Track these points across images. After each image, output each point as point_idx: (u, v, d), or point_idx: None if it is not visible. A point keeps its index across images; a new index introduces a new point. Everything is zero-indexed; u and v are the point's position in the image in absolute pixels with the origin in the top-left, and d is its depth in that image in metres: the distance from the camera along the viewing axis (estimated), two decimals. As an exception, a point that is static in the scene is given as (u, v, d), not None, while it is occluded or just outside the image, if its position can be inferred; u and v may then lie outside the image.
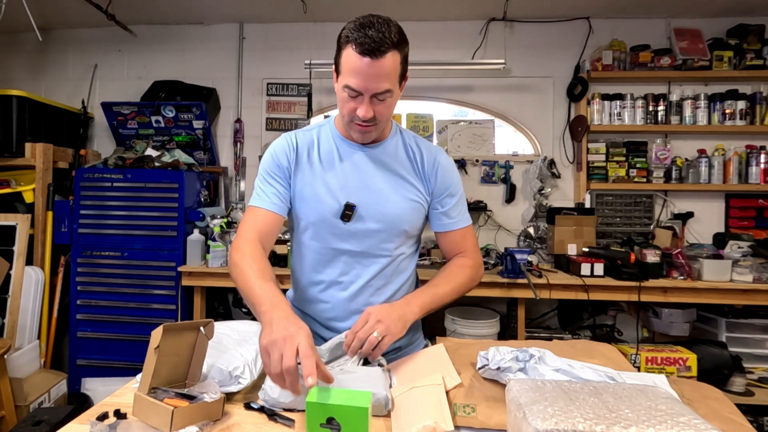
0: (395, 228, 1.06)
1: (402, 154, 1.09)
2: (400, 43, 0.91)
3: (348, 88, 0.92)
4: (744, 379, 2.15)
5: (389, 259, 1.07)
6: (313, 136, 1.09)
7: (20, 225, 2.47)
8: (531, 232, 2.77)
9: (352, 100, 0.94)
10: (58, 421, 1.83)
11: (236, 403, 0.82)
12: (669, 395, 0.62)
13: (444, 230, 1.12)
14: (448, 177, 1.10)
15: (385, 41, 0.87)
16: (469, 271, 1.10)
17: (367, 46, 0.87)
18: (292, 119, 2.98)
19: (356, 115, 0.95)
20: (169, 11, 2.84)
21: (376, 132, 1.01)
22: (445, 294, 1.04)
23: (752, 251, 2.25)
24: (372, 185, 1.05)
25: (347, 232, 1.04)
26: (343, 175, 1.05)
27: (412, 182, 1.08)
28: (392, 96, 0.95)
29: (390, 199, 1.05)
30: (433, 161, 1.09)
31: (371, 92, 0.91)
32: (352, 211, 1.03)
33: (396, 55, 0.90)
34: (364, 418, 0.65)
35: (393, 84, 0.93)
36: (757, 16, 2.66)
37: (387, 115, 0.98)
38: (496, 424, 0.72)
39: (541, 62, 2.84)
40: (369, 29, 0.87)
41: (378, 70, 0.89)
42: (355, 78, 0.90)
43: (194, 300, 2.49)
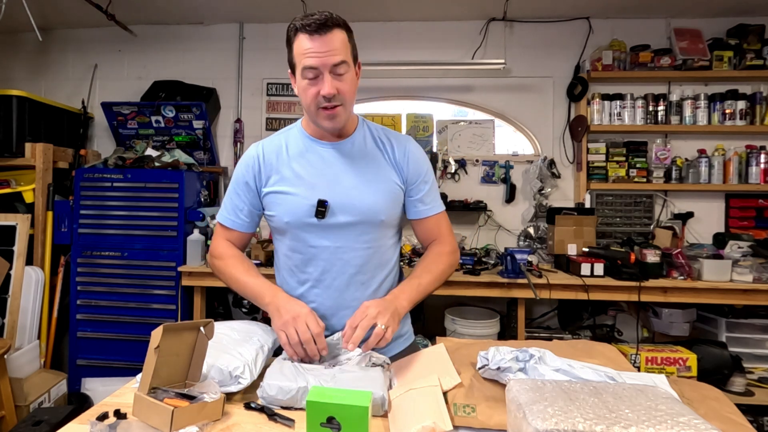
0: (371, 219, 1.06)
1: (371, 145, 1.11)
2: (345, 25, 0.99)
3: (307, 69, 0.95)
4: (744, 379, 2.15)
5: (370, 251, 1.08)
6: (281, 141, 1.12)
7: (20, 225, 2.47)
8: (531, 232, 2.77)
9: (312, 84, 0.97)
10: (58, 421, 1.83)
11: (236, 403, 0.82)
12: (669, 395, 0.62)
13: (419, 217, 1.14)
14: (420, 164, 1.12)
15: (329, 20, 0.95)
16: (447, 258, 1.13)
17: (314, 25, 0.93)
18: (292, 119, 2.98)
19: (320, 98, 0.96)
20: (169, 11, 2.84)
21: (344, 113, 1.01)
22: (429, 284, 1.07)
23: (752, 251, 2.25)
24: (343, 180, 1.06)
25: (323, 228, 1.05)
26: (313, 174, 1.06)
27: (384, 172, 1.09)
28: (349, 71, 0.98)
29: (363, 191, 1.06)
30: (404, 150, 1.12)
31: (328, 66, 0.94)
32: (325, 207, 1.03)
33: (342, 32, 0.97)
34: (364, 417, 0.65)
35: (347, 57, 0.97)
36: (757, 16, 2.66)
37: (349, 93, 1.00)
38: (496, 424, 0.72)
39: (541, 62, 2.84)
40: (312, 15, 0.95)
41: (329, 43, 0.94)
42: (310, 57, 0.94)
43: (194, 300, 2.49)
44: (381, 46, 2.87)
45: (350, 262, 1.07)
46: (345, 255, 1.07)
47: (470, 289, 2.25)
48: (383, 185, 1.08)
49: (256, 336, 0.99)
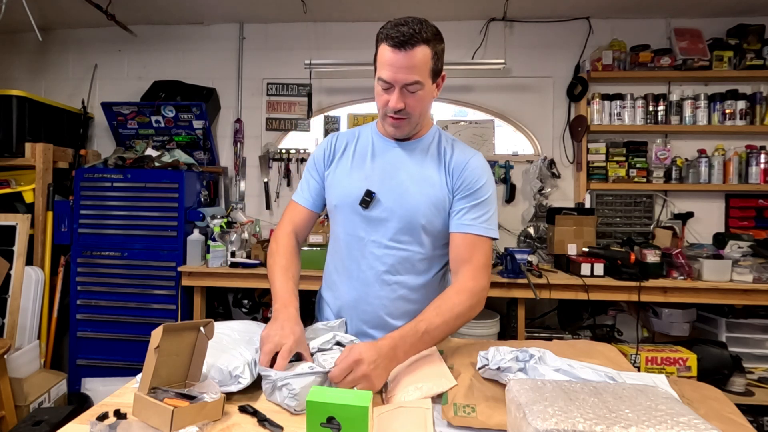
0: (411, 220, 1.06)
1: (434, 151, 1.11)
2: (432, 39, 0.97)
3: (381, 81, 0.99)
4: (744, 379, 2.15)
5: (403, 254, 1.07)
6: (355, 133, 1.18)
7: (20, 225, 2.47)
8: (531, 232, 2.77)
9: (385, 92, 1.00)
10: (58, 421, 1.83)
11: (236, 403, 0.82)
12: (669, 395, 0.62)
13: (455, 231, 1.06)
14: (473, 178, 1.06)
15: (415, 35, 0.94)
16: (467, 299, 0.98)
17: (398, 40, 0.94)
18: (292, 119, 2.98)
19: (389, 107, 1.00)
20: (169, 11, 2.84)
21: (408, 126, 1.05)
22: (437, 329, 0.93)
23: (752, 251, 2.25)
24: (395, 177, 1.08)
25: (365, 219, 1.08)
26: (371, 167, 1.11)
27: (436, 179, 1.07)
28: (423, 89, 0.99)
29: (409, 191, 1.06)
30: (463, 160, 1.08)
31: (401, 83, 0.97)
32: (371, 198, 1.06)
33: (426, 49, 0.96)
34: (364, 417, 0.65)
35: (423, 77, 0.97)
36: (757, 16, 2.66)
37: (418, 108, 1.02)
38: (496, 424, 0.72)
39: (541, 62, 2.84)
40: (402, 26, 0.95)
41: (407, 61, 0.95)
42: (387, 70, 0.97)
43: (194, 300, 2.49)
44: (381, 46, 2.87)
45: (380, 259, 1.08)
46: (377, 250, 1.08)
47: (470, 289, 2.25)
48: (430, 188, 1.06)
49: (256, 336, 0.99)
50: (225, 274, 2.38)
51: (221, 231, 2.47)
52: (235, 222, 2.60)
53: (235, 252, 2.44)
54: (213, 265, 2.40)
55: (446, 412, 0.75)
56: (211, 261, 2.40)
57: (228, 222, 2.55)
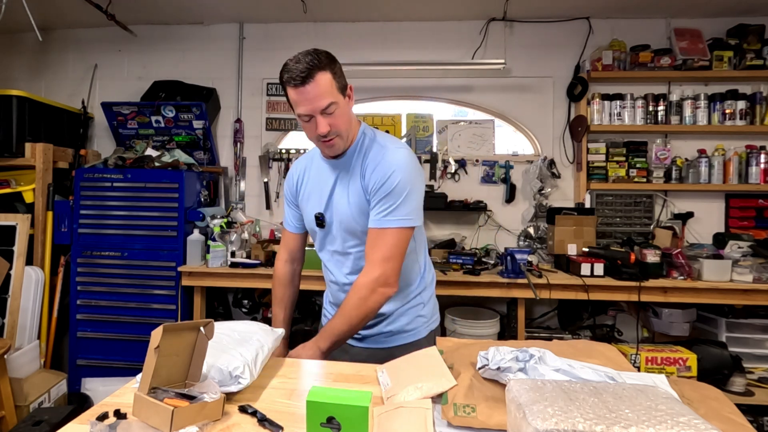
0: (349, 229, 1.20)
1: (358, 159, 1.19)
2: (327, 64, 1.06)
3: (301, 116, 1.08)
4: (744, 379, 2.15)
5: (358, 256, 1.21)
6: (307, 160, 1.31)
7: (20, 225, 2.47)
8: (531, 232, 2.77)
9: (308, 124, 1.09)
10: (58, 421, 1.83)
11: (236, 403, 0.82)
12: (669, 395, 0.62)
13: (368, 226, 1.17)
14: (379, 174, 1.13)
15: (311, 68, 1.02)
16: (366, 300, 1.13)
17: (298, 78, 1.03)
18: (292, 119, 2.98)
19: (318, 134, 1.09)
20: (169, 11, 2.84)
21: (341, 142, 1.14)
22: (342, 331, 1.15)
23: (752, 251, 2.25)
24: (332, 194, 1.21)
25: (324, 234, 1.26)
26: (318, 189, 1.24)
27: (358, 185, 1.17)
28: (339, 107, 1.08)
29: (341, 203, 1.19)
30: (374, 159, 1.15)
31: (318, 110, 1.06)
32: (322, 220, 1.23)
33: (326, 73, 1.05)
34: (364, 417, 0.65)
35: (334, 96, 1.07)
36: (757, 16, 2.66)
37: (342, 125, 1.11)
38: (496, 424, 0.72)
39: (541, 62, 2.84)
40: (297, 64, 1.03)
41: (313, 91, 1.04)
42: (300, 106, 1.06)
43: (194, 300, 2.49)
44: (381, 46, 2.87)
45: (344, 264, 1.25)
46: (341, 258, 1.25)
47: (470, 289, 2.25)
48: (354, 198, 1.17)
49: (256, 336, 0.99)
50: (225, 274, 2.38)
51: (221, 231, 2.47)
52: (235, 222, 2.60)
53: (235, 252, 2.44)
54: (213, 265, 2.40)
55: (446, 412, 0.75)
56: (211, 261, 2.40)
57: (228, 222, 2.55)
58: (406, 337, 1.25)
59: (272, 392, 0.89)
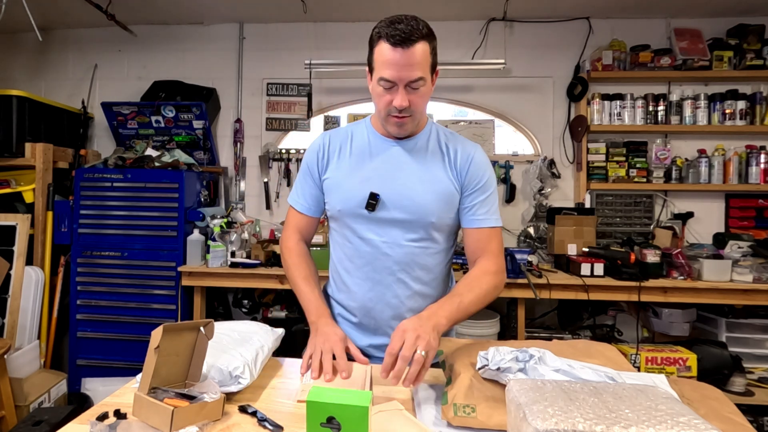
0: (421, 219, 1.06)
1: (434, 147, 1.10)
2: (429, 35, 0.97)
3: (383, 80, 0.96)
4: (744, 379, 2.15)
5: (416, 251, 1.08)
6: (348, 132, 1.15)
7: (20, 225, 2.47)
8: (531, 232, 2.77)
9: (387, 92, 0.98)
10: (58, 421, 1.83)
11: (236, 403, 0.82)
12: (669, 395, 0.62)
13: (470, 226, 1.09)
14: (480, 172, 1.09)
15: (415, 32, 0.93)
16: (492, 278, 1.04)
17: (398, 38, 0.93)
18: (292, 119, 2.98)
19: (393, 107, 0.98)
20: (169, 11, 2.84)
21: (412, 123, 1.04)
22: (471, 303, 0.99)
23: (752, 251, 2.25)
24: (399, 176, 1.07)
25: (372, 221, 1.07)
26: (372, 168, 1.08)
27: (442, 174, 1.08)
28: (425, 85, 0.98)
29: (415, 190, 1.06)
30: (467, 155, 1.09)
31: (405, 81, 0.95)
32: (376, 201, 1.05)
33: (425, 45, 0.96)
34: (364, 417, 0.65)
35: (425, 72, 0.97)
36: (757, 16, 2.66)
37: (421, 105, 1.01)
38: (496, 424, 0.72)
39: (541, 62, 2.84)
40: (398, 24, 0.94)
41: (409, 58, 0.94)
42: (389, 69, 0.95)
43: (194, 300, 2.49)
44: (381, 46, 2.87)
45: (393, 258, 1.08)
46: (389, 250, 1.08)
47: (470, 289, 2.25)
48: (438, 186, 1.07)
49: (256, 336, 0.99)
50: (225, 274, 2.38)
51: (221, 231, 2.47)
52: (235, 222, 2.60)
53: (235, 252, 2.44)
54: (213, 265, 2.40)
55: (446, 413, 0.75)
56: (211, 261, 2.40)
57: (228, 222, 2.55)
58: None
59: (272, 392, 0.89)
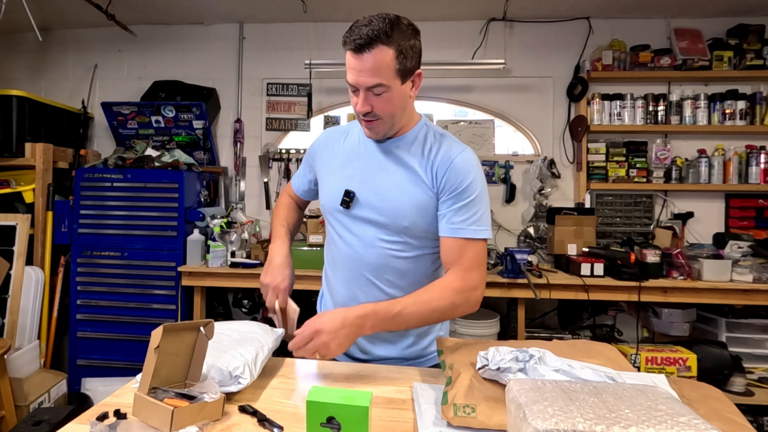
0: (394, 222, 1.03)
1: (417, 150, 1.05)
2: (395, 38, 0.91)
3: (349, 84, 0.98)
4: (744, 379, 2.15)
5: (388, 254, 1.05)
6: (346, 130, 1.18)
7: (20, 225, 2.47)
8: (531, 232, 2.77)
9: (354, 95, 0.99)
10: (58, 421, 1.83)
11: (236, 403, 0.82)
12: (669, 395, 0.62)
13: (443, 235, 1.02)
14: (460, 177, 1.00)
15: (374, 38, 0.89)
16: (451, 296, 0.96)
17: (355, 43, 0.90)
18: (292, 119, 2.98)
19: (356, 110, 0.99)
20: (169, 11, 2.84)
21: (381, 127, 1.01)
22: (411, 317, 0.95)
23: (752, 251, 2.25)
24: (377, 177, 1.05)
25: (350, 219, 1.08)
26: (356, 166, 1.09)
27: (418, 178, 1.03)
28: (389, 91, 0.95)
29: (391, 192, 1.03)
30: (448, 159, 1.01)
31: (362, 86, 0.94)
32: (351, 198, 1.06)
33: (386, 50, 0.90)
34: (365, 417, 0.65)
35: (386, 79, 0.93)
36: (757, 16, 2.66)
37: (387, 110, 0.98)
38: (496, 424, 0.71)
39: (541, 62, 2.84)
40: (363, 27, 0.90)
41: (364, 64, 0.91)
42: (349, 73, 0.96)
43: (194, 300, 2.49)
44: (381, 46, 2.87)
45: (365, 259, 1.07)
46: (362, 251, 1.07)
47: (470, 289, 2.25)
48: (413, 191, 1.02)
49: (256, 336, 0.99)
50: (225, 274, 2.38)
51: (221, 231, 2.47)
52: (235, 222, 2.60)
53: (235, 252, 2.45)
54: (213, 265, 2.40)
55: (446, 413, 0.75)
56: (211, 261, 2.40)
57: (228, 222, 2.55)
58: (424, 362, 1.13)
59: (272, 392, 0.89)
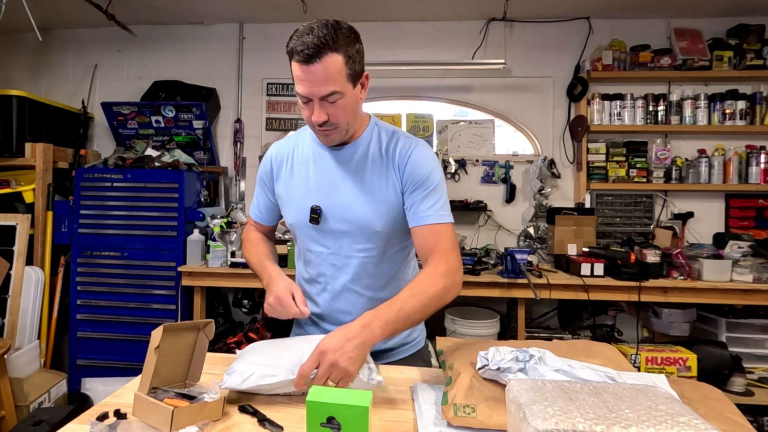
0: (364, 230, 1.04)
1: (375, 152, 1.06)
2: (341, 44, 0.90)
3: (299, 96, 0.95)
4: (744, 379, 2.15)
5: (366, 260, 1.06)
6: (293, 143, 1.14)
7: (20, 225, 2.47)
8: (531, 232, 2.77)
9: (306, 106, 0.97)
10: (58, 421, 1.83)
11: (236, 403, 0.82)
12: (669, 395, 0.62)
13: (415, 225, 1.03)
14: (419, 169, 1.03)
15: (322, 46, 0.88)
16: (441, 281, 0.96)
17: (303, 54, 0.88)
18: (292, 119, 2.98)
19: (312, 121, 0.96)
20: (169, 11, 2.84)
21: (338, 134, 1.00)
22: (413, 310, 0.92)
23: (752, 251, 2.25)
24: (340, 187, 1.05)
25: (320, 233, 1.08)
26: (314, 179, 1.07)
27: (382, 182, 1.04)
28: (343, 97, 0.94)
29: (357, 201, 1.04)
30: (405, 153, 1.04)
31: (317, 96, 0.92)
32: (318, 214, 1.05)
33: (336, 57, 0.89)
34: (364, 417, 0.65)
35: (339, 85, 0.92)
36: (757, 16, 2.66)
37: (343, 117, 0.97)
38: (496, 424, 0.71)
39: (541, 62, 2.84)
40: (308, 36, 0.88)
41: (316, 74, 0.89)
42: (299, 85, 0.93)
43: (194, 300, 2.49)
44: (381, 46, 2.87)
45: (344, 269, 1.08)
46: (339, 261, 1.08)
47: (470, 289, 2.25)
48: (378, 196, 1.04)
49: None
50: (225, 274, 2.38)
51: (221, 231, 2.47)
52: (235, 222, 2.60)
53: (235, 252, 2.44)
54: (213, 265, 2.40)
55: (446, 413, 0.75)
56: (211, 261, 2.40)
57: (228, 222, 2.55)
58: (408, 350, 1.16)
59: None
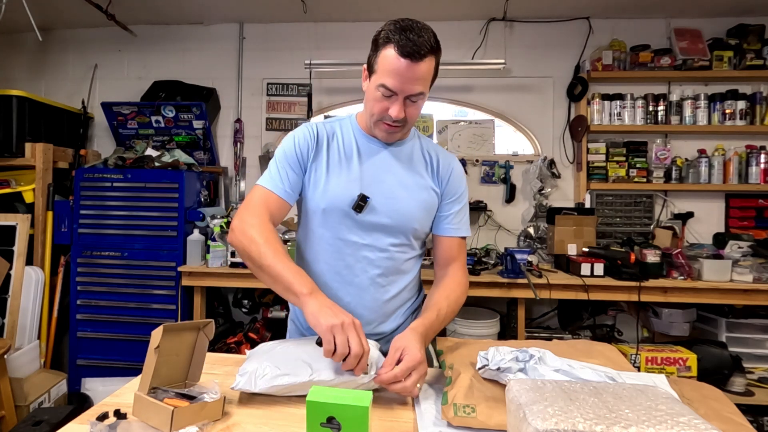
0: (404, 225, 1.07)
1: (418, 156, 1.12)
2: (437, 48, 0.96)
3: (383, 88, 0.94)
4: (744, 379, 2.15)
5: (394, 256, 1.08)
6: (334, 128, 1.11)
7: (20, 225, 2.47)
8: (531, 232, 2.77)
9: (385, 99, 0.96)
10: (58, 421, 1.83)
11: (236, 403, 0.82)
12: (669, 395, 0.62)
13: (444, 234, 1.13)
14: (458, 184, 1.14)
15: (425, 45, 0.91)
16: (464, 290, 1.13)
17: (409, 49, 0.90)
18: (292, 119, 2.98)
19: (387, 115, 0.97)
20: (169, 11, 2.84)
21: (401, 133, 1.05)
22: (447, 315, 1.05)
23: (752, 251, 2.25)
24: (387, 181, 1.06)
25: (357, 223, 1.04)
26: (360, 169, 1.06)
27: (426, 182, 1.10)
28: (423, 99, 0.99)
29: (403, 196, 1.07)
30: (448, 165, 1.13)
31: (406, 93, 0.94)
32: (365, 203, 1.03)
33: (432, 60, 0.95)
34: (365, 417, 0.65)
35: (427, 87, 0.97)
36: (757, 16, 2.66)
37: (416, 117, 1.03)
38: (496, 424, 0.72)
39: (541, 62, 2.84)
40: (410, 32, 0.91)
41: (415, 73, 0.92)
42: (393, 79, 0.92)
43: (194, 300, 2.49)
44: (381, 46, 2.87)
45: (374, 263, 1.06)
46: (370, 254, 1.06)
47: (470, 289, 2.19)
48: (421, 194, 1.09)
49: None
50: (225, 274, 2.38)
51: (221, 231, 2.47)
52: (235, 222, 2.59)
53: (235, 252, 2.45)
54: (213, 265, 2.40)
55: (446, 413, 0.75)
56: (211, 261, 2.40)
57: (228, 222, 2.54)
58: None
59: (272, 392, 0.89)
